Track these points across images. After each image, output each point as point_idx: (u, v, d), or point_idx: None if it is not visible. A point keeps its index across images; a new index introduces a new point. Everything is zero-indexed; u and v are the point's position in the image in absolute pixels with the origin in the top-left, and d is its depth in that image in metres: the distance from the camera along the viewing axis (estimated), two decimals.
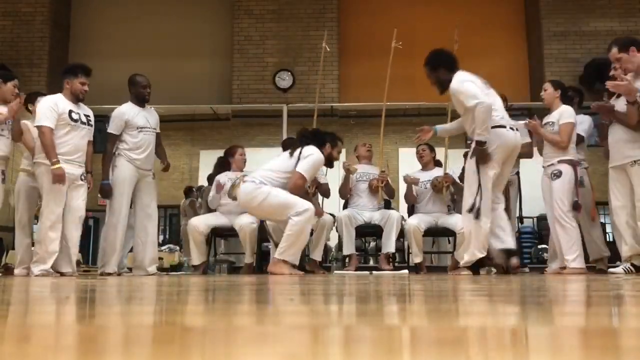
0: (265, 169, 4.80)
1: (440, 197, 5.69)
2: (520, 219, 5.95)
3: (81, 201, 4.73)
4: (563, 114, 4.88)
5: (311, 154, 4.71)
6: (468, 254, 4.47)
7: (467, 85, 4.36)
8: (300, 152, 4.74)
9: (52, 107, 4.58)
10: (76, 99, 4.75)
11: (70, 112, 4.65)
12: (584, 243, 4.97)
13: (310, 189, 5.62)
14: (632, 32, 7.92)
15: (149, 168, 5.22)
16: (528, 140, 5.64)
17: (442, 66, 4.53)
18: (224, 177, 5.68)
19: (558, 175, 4.83)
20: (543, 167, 5.08)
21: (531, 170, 6.11)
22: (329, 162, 5.00)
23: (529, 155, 5.62)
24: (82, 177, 4.74)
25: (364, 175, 5.85)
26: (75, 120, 4.67)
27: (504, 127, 4.43)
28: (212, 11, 9.21)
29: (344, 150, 8.29)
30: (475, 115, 4.23)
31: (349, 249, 5.65)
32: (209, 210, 5.92)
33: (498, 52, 8.99)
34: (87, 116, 4.81)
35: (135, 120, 5.13)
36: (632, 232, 4.64)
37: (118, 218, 5.03)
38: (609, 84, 4.38)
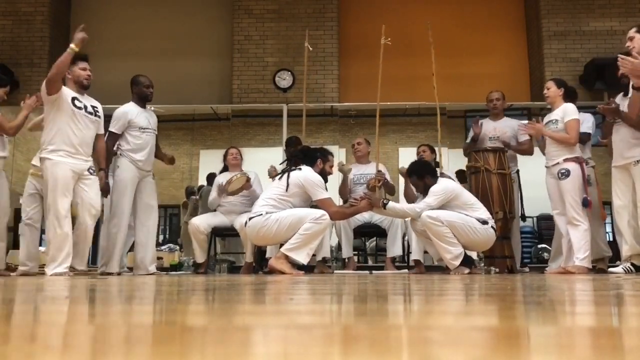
0: (265, 198, 4.83)
1: None
2: (523, 217, 5.94)
3: (94, 195, 4.58)
4: (567, 111, 4.87)
5: (306, 177, 4.76)
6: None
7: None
8: (288, 177, 4.78)
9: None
10: (81, 86, 4.62)
11: (74, 99, 4.53)
12: None
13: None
14: None
15: (149, 169, 5.23)
16: (527, 138, 5.70)
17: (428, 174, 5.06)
18: (223, 178, 5.74)
19: (566, 174, 4.81)
20: (547, 166, 5.06)
21: (531, 170, 6.11)
22: (323, 177, 5.01)
23: (529, 152, 5.76)
24: (91, 171, 4.62)
25: (362, 177, 5.83)
26: (80, 108, 4.53)
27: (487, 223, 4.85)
28: (212, 11, 9.20)
29: (343, 150, 8.32)
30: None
31: (347, 252, 5.66)
32: (208, 210, 5.94)
33: (498, 51, 8.99)
34: (94, 107, 4.68)
35: (138, 121, 5.13)
36: (633, 231, 4.64)
37: (121, 219, 5.02)
38: (620, 58, 4.29)
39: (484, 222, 4.76)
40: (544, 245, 7.80)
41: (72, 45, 4.45)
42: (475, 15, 8.97)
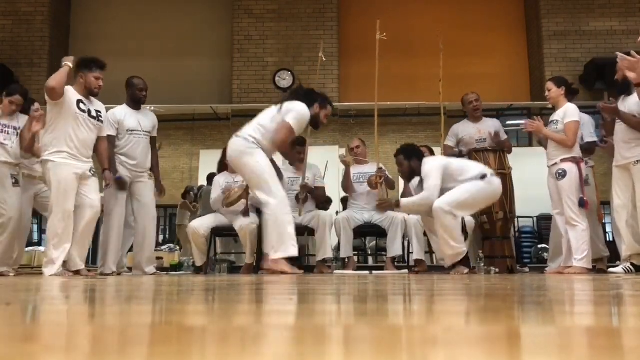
0: (255, 124, 4.60)
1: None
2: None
3: (94, 195, 4.59)
4: (567, 112, 4.88)
5: (296, 107, 4.52)
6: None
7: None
8: (281, 106, 4.56)
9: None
10: (89, 93, 4.63)
11: (79, 102, 4.54)
12: None
13: (301, 194, 5.63)
14: (632, 31, 7.93)
15: (142, 169, 5.19)
16: (506, 136, 5.83)
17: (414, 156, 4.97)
18: (222, 179, 5.75)
19: (563, 174, 4.82)
20: (548, 166, 5.07)
21: (531, 170, 6.11)
22: (315, 123, 4.77)
23: (509, 150, 5.86)
24: (92, 172, 4.64)
25: (361, 177, 5.83)
26: (83, 111, 4.55)
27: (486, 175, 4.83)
28: (212, 11, 9.20)
29: (343, 150, 8.31)
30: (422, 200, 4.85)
31: (346, 251, 5.64)
32: (208, 211, 5.93)
33: (498, 51, 8.99)
34: (97, 111, 4.69)
35: (126, 123, 5.10)
36: (631, 231, 4.64)
37: (114, 220, 5.02)
38: (619, 56, 4.28)
39: (483, 176, 4.76)
40: (544, 245, 7.80)
41: (69, 63, 4.48)
42: (475, 16, 8.97)
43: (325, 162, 6.09)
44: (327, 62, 8.61)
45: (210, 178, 7.15)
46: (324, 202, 6.10)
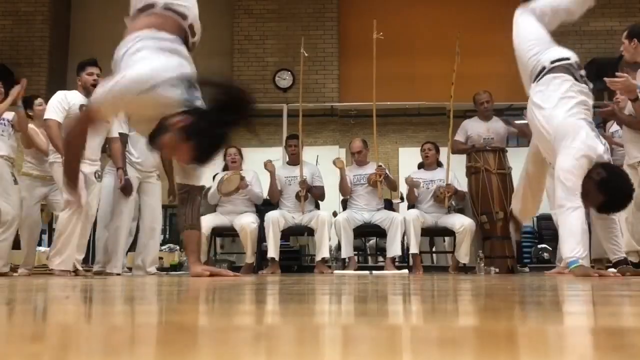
0: None
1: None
2: None
3: (91, 199, 4.65)
4: None
5: None
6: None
7: None
8: None
9: (60, 101, 4.53)
10: (89, 92, 4.59)
11: (82, 106, 4.55)
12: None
13: (301, 192, 5.65)
14: None
15: (151, 170, 5.20)
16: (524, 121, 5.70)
17: None
18: (220, 176, 5.82)
19: None
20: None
21: None
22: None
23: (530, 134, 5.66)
24: (97, 175, 4.68)
25: (361, 178, 5.84)
26: None
27: None
28: (212, 11, 9.18)
29: (343, 150, 8.30)
30: None
31: (347, 251, 5.65)
32: (208, 209, 5.95)
33: (498, 51, 8.97)
34: None
35: None
36: (630, 228, 4.66)
37: (123, 221, 5.01)
38: (607, 81, 4.36)
39: None
40: (544, 245, 7.80)
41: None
42: (476, 15, 8.96)
43: (315, 156, 6.13)
44: (327, 62, 8.63)
45: (214, 178, 7.17)
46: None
